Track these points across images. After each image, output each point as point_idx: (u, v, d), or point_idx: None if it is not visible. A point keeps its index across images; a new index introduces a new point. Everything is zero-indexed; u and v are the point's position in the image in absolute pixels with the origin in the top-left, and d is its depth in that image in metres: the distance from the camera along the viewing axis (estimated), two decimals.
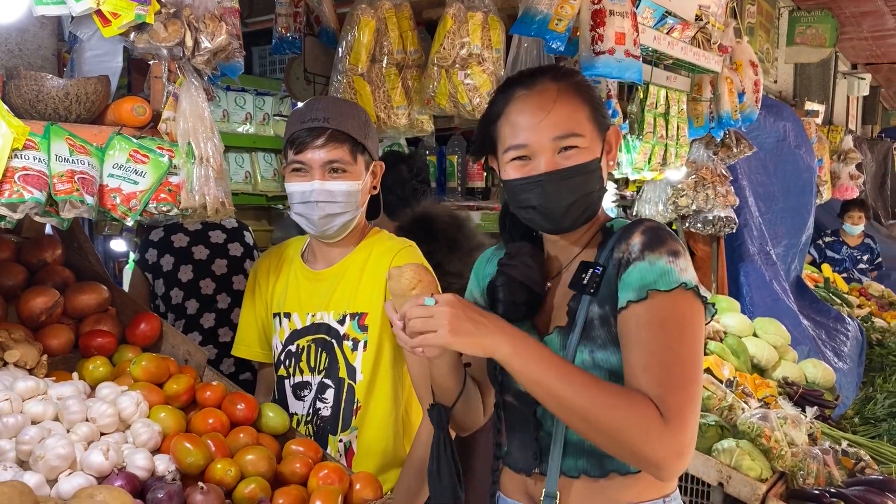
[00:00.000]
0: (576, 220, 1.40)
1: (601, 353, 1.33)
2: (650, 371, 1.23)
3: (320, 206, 1.79)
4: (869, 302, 6.02)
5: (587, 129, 1.38)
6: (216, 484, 1.46)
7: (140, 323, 1.89)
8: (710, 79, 3.55)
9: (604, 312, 1.33)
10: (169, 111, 1.67)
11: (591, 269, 1.37)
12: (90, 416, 1.53)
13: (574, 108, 1.38)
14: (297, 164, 1.80)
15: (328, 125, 1.78)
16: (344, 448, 1.86)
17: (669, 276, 1.27)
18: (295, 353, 1.91)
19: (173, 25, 1.59)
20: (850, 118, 8.76)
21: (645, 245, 1.30)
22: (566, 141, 1.36)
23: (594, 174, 1.38)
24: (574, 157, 1.36)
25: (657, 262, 1.28)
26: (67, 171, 1.48)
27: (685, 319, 1.27)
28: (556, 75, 1.41)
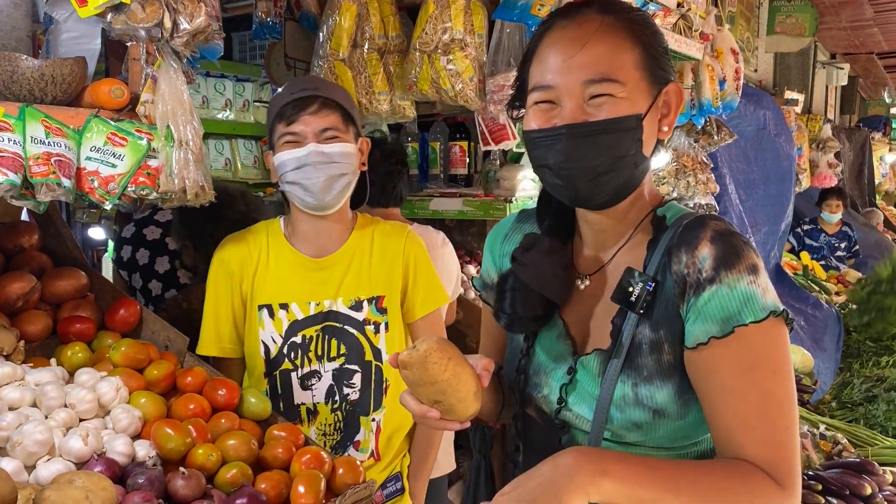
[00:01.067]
0: (607, 192, 1.13)
1: (645, 387, 1.12)
2: (753, 429, 1.04)
3: (318, 168, 1.75)
4: (846, 289, 6.09)
5: (630, 76, 1.10)
6: (198, 469, 1.45)
7: (119, 308, 1.86)
8: (691, 66, 3.56)
9: (657, 337, 1.12)
10: (147, 94, 1.65)
11: (640, 282, 1.12)
12: (69, 401, 1.52)
13: (617, 46, 1.10)
14: (290, 134, 1.76)
15: (319, 94, 1.78)
16: (376, 427, 1.94)
17: (755, 303, 1.05)
18: (301, 344, 1.88)
19: (151, 6, 1.57)
20: (829, 107, 8.84)
21: (719, 261, 1.06)
22: (598, 87, 1.09)
23: (629, 134, 1.09)
24: (607, 108, 1.09)
25: (737, 284, 1.05)
26: (43, 153, 1.46)
27: (778, 354, 1.07)
28: (605, 7, 1.14)
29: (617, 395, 1.13)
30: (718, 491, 1.02)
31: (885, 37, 8.23)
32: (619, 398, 1.13)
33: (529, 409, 1.27)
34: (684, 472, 1.04)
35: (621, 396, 1.13)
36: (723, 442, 1.08)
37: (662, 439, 1.14)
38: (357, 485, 1.55)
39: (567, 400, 1.20)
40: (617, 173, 1.11)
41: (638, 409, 1.12)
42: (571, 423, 1.21)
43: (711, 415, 1.09)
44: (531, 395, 1.26)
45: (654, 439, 1.14)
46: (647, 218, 1.19)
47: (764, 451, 1.03)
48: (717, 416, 1.08)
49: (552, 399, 1.22)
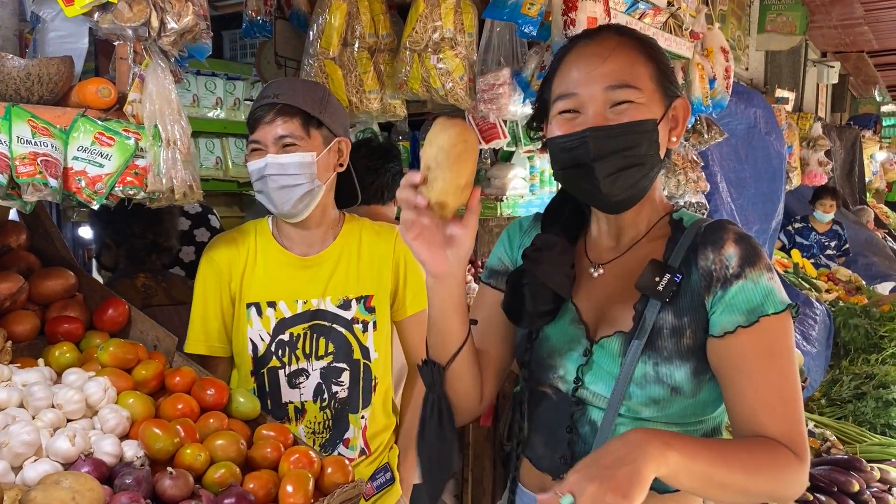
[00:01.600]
0: (627, 190, 1.24)
1: (665, 366, 1.23)
2: (773, 408, 1.17)
3: (273, 179, 1.79)
4: (837, 287, 6.13)
5: (647, 85, 1.23)
6: (186, 469, 1.45)
7: (108, 308, 1.86)
8: (681, 65, 3.57)
9: (679, 324, 1.23)
10: (135, 93, 1.64)
11: (667, 273, 1.23)
12: (56, 402, 1.51)
13: (634, 60, 1.24)
14: (254, 142, 1.82)
15: (277, 101, 1.79)
16: (364, 424, 1.96)
17: (774, 296, 1.19)
18: (289, 342, 1.89)
19: (138, 5, 1.57)
20: (820, 106, 8.88)
21: (744, 259, 1.19)
22: (619, 93, 1.22)
23: (648, 136, 1.22)
24: (627, 114, 1.22)
25: (759, 280, 1.19)
26: (30, 153, 1.45)
27: (789, 342, 1.21)
28: (621, 30, 1.30)
29: (638, 373, 1.23)
30: (756, 464, 1.13)
31: (876, 35, 8.27)
32: (639, 376, 1.23)
33: (543, 387, 1.37)
34: (729, 448, 1.15)
35: (642, 375, 1.23)
36: (745, 422, 1.19)
37: (674, 415, 1.25)
38: (346, 484, 1.55)
39: (584, 379, 1.30)
40: (634, 171, 1.23)
41: (658, 385, 1.23)
42: (587, 401, 1.30)
43: (735, 397, 1.20)
44: (546, 376, 1.35)
45: (667, 415, 1.25)
46: (665, 219, 1.32)
47: (783, 427, 1.16)
48: (741, 398, 1.19)
49: (569, 379, 1.32)
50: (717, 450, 1.13)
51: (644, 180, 1.26)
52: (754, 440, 1.17)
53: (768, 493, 1.15)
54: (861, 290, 6.22)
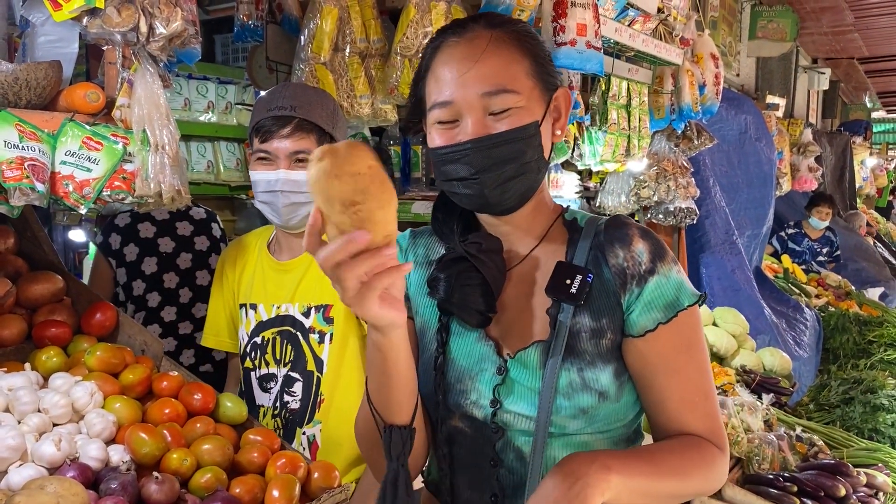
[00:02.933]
0: (514, 197, 1.18)
1: (590, 371, 1.16)
2: (696, 405, 1.17)
3: (285, 196, 1.78)
4: (826, 292, 6.16)
5: (524, 85, 1.15)
6: (172, 474, 1.45)
7: (96, 313, 1.86)
8: (671, 71, 3.59)
9: (598, 326, 1.17)
10: (123, 98, 1.65)
11: (577, 273, 1.17)
12: (42, 406, 1.51)
13: (509, 59, 1.15)
14: (263, 153, 1.78)
15: (295, 114, 1.76)
16: (308, 441, 1.86)
17: (685, 289, 1.17)
18: (260, 345, 1.90)
19: (127, 10, 1.57)
20: (811, 112, 8.93)
21: (654, 254, 1.16)
22: (497, 99, 1.13)
23: (531, 141, 1.15)
24: (508, 119, 1.13)
25: (671, 274, 1.16)
26: (17, 157, 1.46)
27: (702, 333, 1.20)
28: (492, 21, 1.19)
29: (563, 382, 1.16)
30: (688, 467, 1.13)
31: (866, 42, 8.33)
32: (565, 385, 1.16)
33: (454, 421, 1.24)
34: (661, 455, 1.14)
35: (568, 383, 1.16)
36: (669, 420, 1.19)
37: (601, 423, 1.19)
38: (332, 489, 1.55)
39: (502, 401, 1.20)
40: (522, 178, 1.16)
41: (586, 393, 1.16)
42: (508, 425, 1.20)
43: (657, 396, 1.18)
44: (457, 403, 1.23)
45: (593, 424, 1.19)
46: (558, 221, 1.26)
47: (706, 422, 1.17)
48: (664, 398, 1.18)
49: (484, 403, 1.21)
50: (651, 460, 1.11)
51: (533, 184, 1.19)
52: (681, 442, 1.16)
53: (699, 491, 1.16)
54: (851, 295, 6.25)
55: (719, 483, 1.17)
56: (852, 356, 4.71)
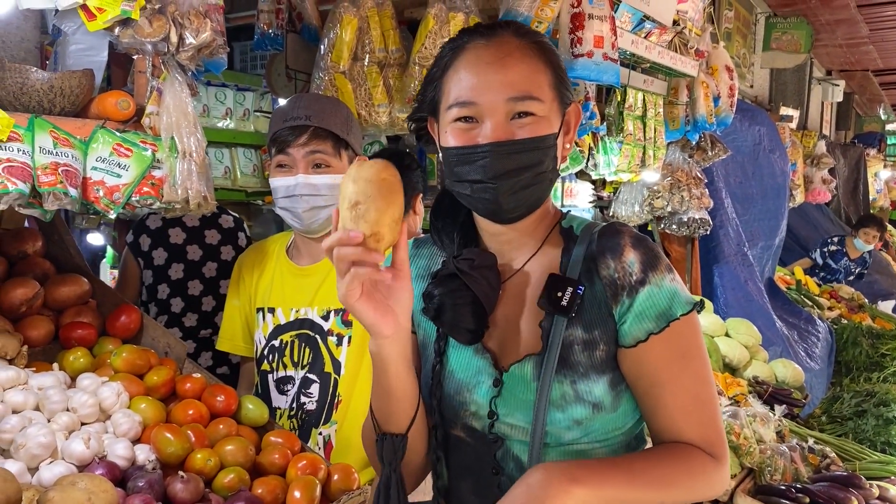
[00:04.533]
0: (525, 205, 1.18)
1: (583, 383, 1.16)
2: (690, 413, 1.15)
3: (305, 199, 1.82)
4: (839, 304, 6.15)
5: (548, 96, 1.16)
6: (196, 473, 1.48)
7: (121, 315, 1.90)
8: (686, 83, 3.62)
9: (590, 337, 1.16)
10: (152, 106, 1.69)
11: (568, 286, 1.16)
12: (71, 405, 1.55)
13: (536, 68, 1.16)
14: (282, 161, 1.84)
15: (310, 123, 1.81)
16: (323, 441, 1.89)
17: (679, 298, 1.15)
18: (278, 347, 1.93)
19: (158, 21, 1.61)
20: (825, 124, 8.93)
21: (645, 264, 1.15)
22: (522, 105, 1.13)
23: (549, 151, 1.16)
24: (530, 127, 1.14)
25: (663, 283, 1.15)
26: (51, 163, 1.50)
27: (699, 341, 1.17)
28: (519, 31, 1.19)
29: (556, 395, 1.16)
30: (669, 477, 1.11)
31: (881, 54, 8.32)
32: (558, 398, 1.16)
33: (456, 430, 1.26)
34: (640, 464, 1.13)
35: (561, 396, 1.16)
36: (663, 430, 1.17)
37: (597, 433, 1.19)
38: (351, 491, 1.58)
39: (498, 412, 1.20)
40: (535, 188, 1.16)
41: (579, 405, 1.16)
42: (506, 435, 1.21)
43: (653, 406, 1.18)
44: (457, 414, 1.24)
45: (589, 435, 1.19)
46: (555, 229, 1.25)
47: (700, 430, 1.15)
48: (658, 407, 1.17)
49: (482, 414, 1.22)
50: (627, 469, 1.10)
51: (543, 195, 1.20)
52: (667, 450, 1.15)
53: (685, 500, 1.13)
54: (864, 307, 6.23)
55: (712, 492, 1.15)
56: (865, 369, 4.70)
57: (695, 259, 4.30)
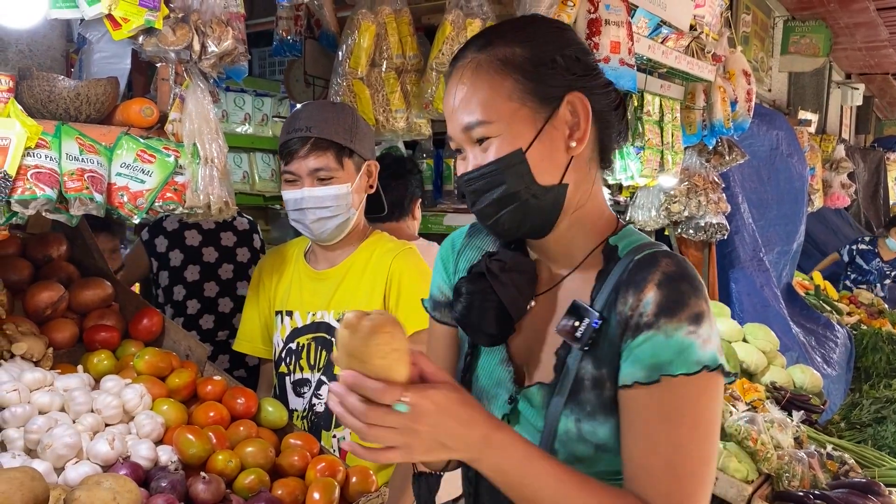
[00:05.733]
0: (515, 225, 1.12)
1: (588, 423, 1.08)
2: (658, 480, 1.02)
3: (311, 212, 1.86)
4: (859, 310, 6.10)
5: (504, 108, 1.08)
6: (217, 474, 1.51)
7: (143, 318, 1.93)
8: (703, 87, 3.61)
9: (599, 375, 1.08)
10: (175, 112, 1.72)
11: (586, 318, 1.08)
12: (95, 407, 1.58)
13: (488, 85, 1.09)
14: (288, 173, 1.88)
15: (311, 134, 1.84)
16: (338, 444, 1.91)
17: (689, 354, 1.01)
18: (295, 350, 1.96)
19: (181, 30, 1.64)
20: (844, 127, 8.86)
21: (662, 308, 1.02)
22: (475, 132, 1.10)
23: (513, 170, 1.08)
24: (492, 151, 1.09)
25: (675, 334, 1.01)
26: (77, 169, 1.53)
27: (702, 408, 1.02)
28: (485, 43, 1.12)
29: (560, 429, 1.10)
30: None
31: None
32: (562, 433, 1.10)
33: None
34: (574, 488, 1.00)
35: (564, 431, 1.10)
36: (629, 478, 1.06)
37: (603, 473, 1.10)
38: (369, 493, 1.60)
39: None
40: (516, 209, 1.10)
41: (581, 443, 1.09)
42: None
43: (624, 451, 1.07)
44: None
45: (592, 469, 1.09)
46: (600, 246, 1.15)
47: (657, 497, 1.01)
48: (628, 456, 1.06)
49: None
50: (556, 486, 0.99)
51: (536, 212, 1.11)
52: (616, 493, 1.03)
53: None
54: (884, 313, 6.18)
55: None
56: (885, 375, 4.66)
57: (712, 264, 4.29)
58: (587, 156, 1.14)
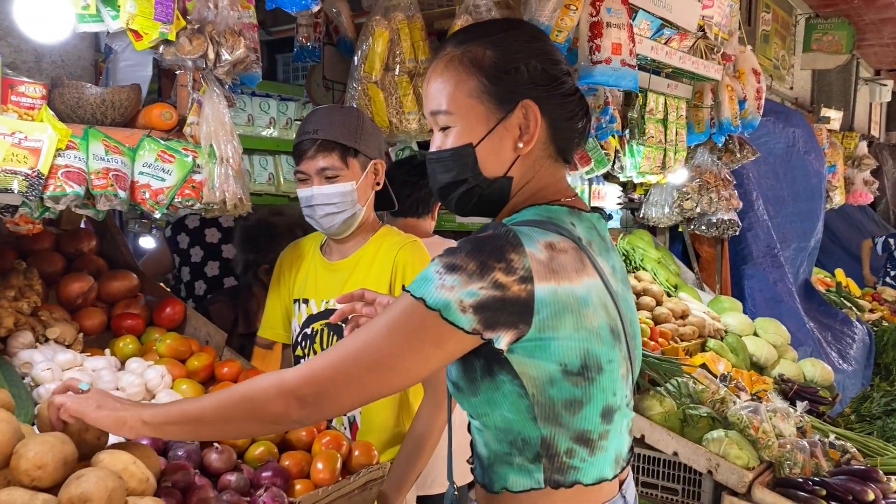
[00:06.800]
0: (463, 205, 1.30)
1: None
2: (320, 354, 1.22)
3: (320, 208, 2.00)
4: (881, 307, 6.08)
5: (462, 105, 1.24)
6: (229, 446, 1.65)
7: (166, 307, 2.08)
8: (710, 86, 3.69)
9: None
10: (193, 116, 1.86)
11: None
12: (120, 385, 1.73)
13: (454, 80, 1.25)
14: (299, 173, 2.03)
15: (317, 136, 1.98)
16: (349, 422, 2.05)
17: (421, 283, 1.16)
18: (310, 335, 2.11)
19: (197, 40, 1.79)
20: (873, 124, 8.79)
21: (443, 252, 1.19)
22: (439, 119, 1.27)
23: (462, 161, 1.25)
24: (451, 138, 1.26)
25: (429, 266, 1.17)
26: (103, 168, 1.68)
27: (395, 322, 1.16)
28: (461, 38, 1.28)
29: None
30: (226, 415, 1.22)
31: None
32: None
33: None
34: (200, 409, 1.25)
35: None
36: None
37: (469, 410, 1.29)
38: (371, 465, 1.72)
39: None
40: (463, 193, 1.28)
41: (449, 383, 1.29)
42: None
43: None
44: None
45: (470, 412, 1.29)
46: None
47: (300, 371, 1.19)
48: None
49: None
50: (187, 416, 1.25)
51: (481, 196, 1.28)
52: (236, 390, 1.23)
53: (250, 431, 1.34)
54: None
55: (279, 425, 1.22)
56: None
57: (724, 260, 4.35)
58: (536, 154, 1.28)
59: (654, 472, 2.83)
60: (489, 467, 1.29)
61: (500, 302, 1.13)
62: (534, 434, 1.23)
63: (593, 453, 1.25)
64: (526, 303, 1.14)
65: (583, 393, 1.21)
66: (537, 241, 1.16)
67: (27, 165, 1.52)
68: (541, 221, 1.22)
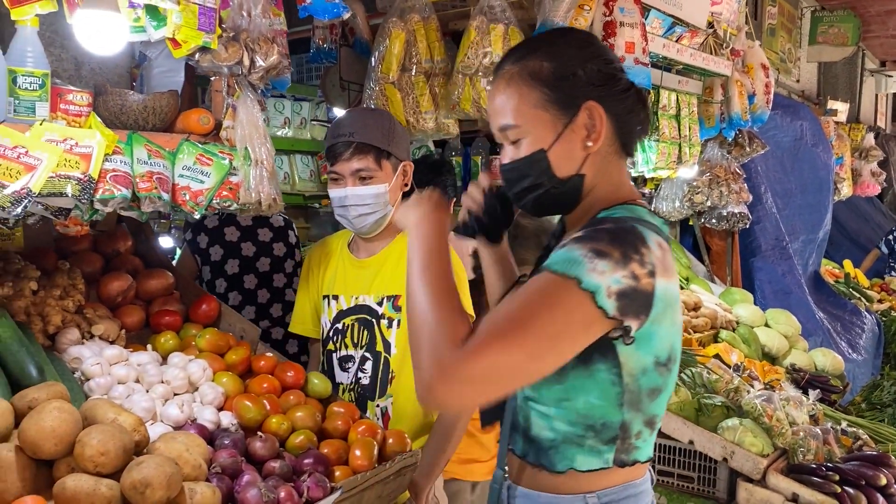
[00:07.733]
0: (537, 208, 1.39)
1: None
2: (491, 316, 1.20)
3: (354, 209, 2.09)
4: (890, 297, 6.14)
5: (529, 115, 1.32)
6: (272, 435, 1.73)
7: (202, 304, 2.17)
8: (720, 82, 3.75)
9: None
10: (228, 120, 1.93)
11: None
12: (165, 378, 1.82)
13: (517, 94, 1.33)
14: (333, 174, 2.11)
15: (353, 139, 2.06)
16: (381, 412, 2.14)
17: (570, 263, 1.19)
18: (341, 330, 2.19)
19: (233, 47, 1.86)
20: (879, 116, 8.81)
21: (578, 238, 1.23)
22: (507, 133, 1.35)
23: (536, 166, 1.33)
24: (523, 148, 1.34)
25: (572, 249, 1.21)
26: (147, 172, 1.76)
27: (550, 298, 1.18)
28: (520, 57, 1.35)
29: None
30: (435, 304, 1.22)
31: None
32: None
33: None
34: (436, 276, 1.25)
35: None
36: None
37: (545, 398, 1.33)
38: (404, 453, 1.80)
39: None
40: (539, 196, 1.36)
41: None
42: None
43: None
44: None
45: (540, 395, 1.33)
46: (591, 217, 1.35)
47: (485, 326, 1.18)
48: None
49: None
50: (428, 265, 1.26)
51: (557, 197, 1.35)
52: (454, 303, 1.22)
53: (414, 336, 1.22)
54: None
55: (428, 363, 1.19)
56: None
57: (735, 252, 4.42)
58: (604, 150, 1.34)
59: (670, 460, 2.91)
60: (551, 449, 1.34)
61: (635, 292, 1.19)
62: (616, 419, 1.30)
63: (651, 434, 1.36)
64: (650, 296, 1.21)
65: (663, 382, 1.32)
66: (653, 238, 1.25)
67: (79, 170, 1.60)
68: (642, 220, 1.28)
